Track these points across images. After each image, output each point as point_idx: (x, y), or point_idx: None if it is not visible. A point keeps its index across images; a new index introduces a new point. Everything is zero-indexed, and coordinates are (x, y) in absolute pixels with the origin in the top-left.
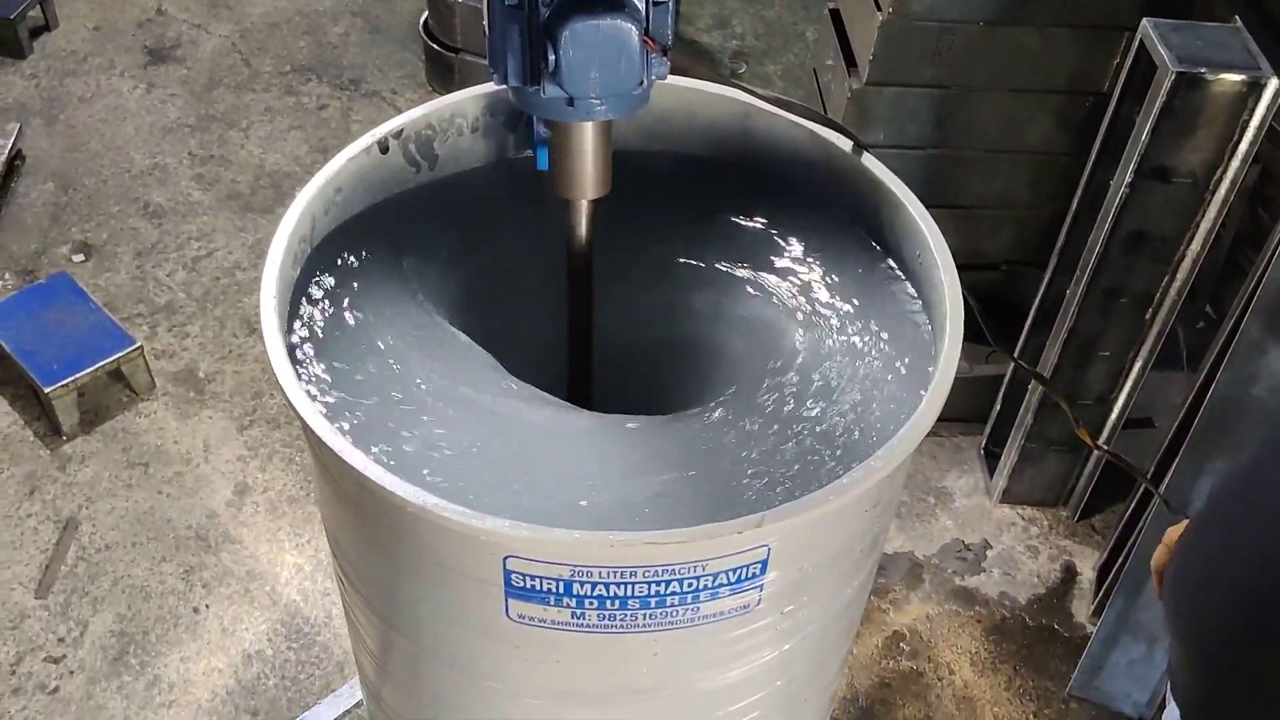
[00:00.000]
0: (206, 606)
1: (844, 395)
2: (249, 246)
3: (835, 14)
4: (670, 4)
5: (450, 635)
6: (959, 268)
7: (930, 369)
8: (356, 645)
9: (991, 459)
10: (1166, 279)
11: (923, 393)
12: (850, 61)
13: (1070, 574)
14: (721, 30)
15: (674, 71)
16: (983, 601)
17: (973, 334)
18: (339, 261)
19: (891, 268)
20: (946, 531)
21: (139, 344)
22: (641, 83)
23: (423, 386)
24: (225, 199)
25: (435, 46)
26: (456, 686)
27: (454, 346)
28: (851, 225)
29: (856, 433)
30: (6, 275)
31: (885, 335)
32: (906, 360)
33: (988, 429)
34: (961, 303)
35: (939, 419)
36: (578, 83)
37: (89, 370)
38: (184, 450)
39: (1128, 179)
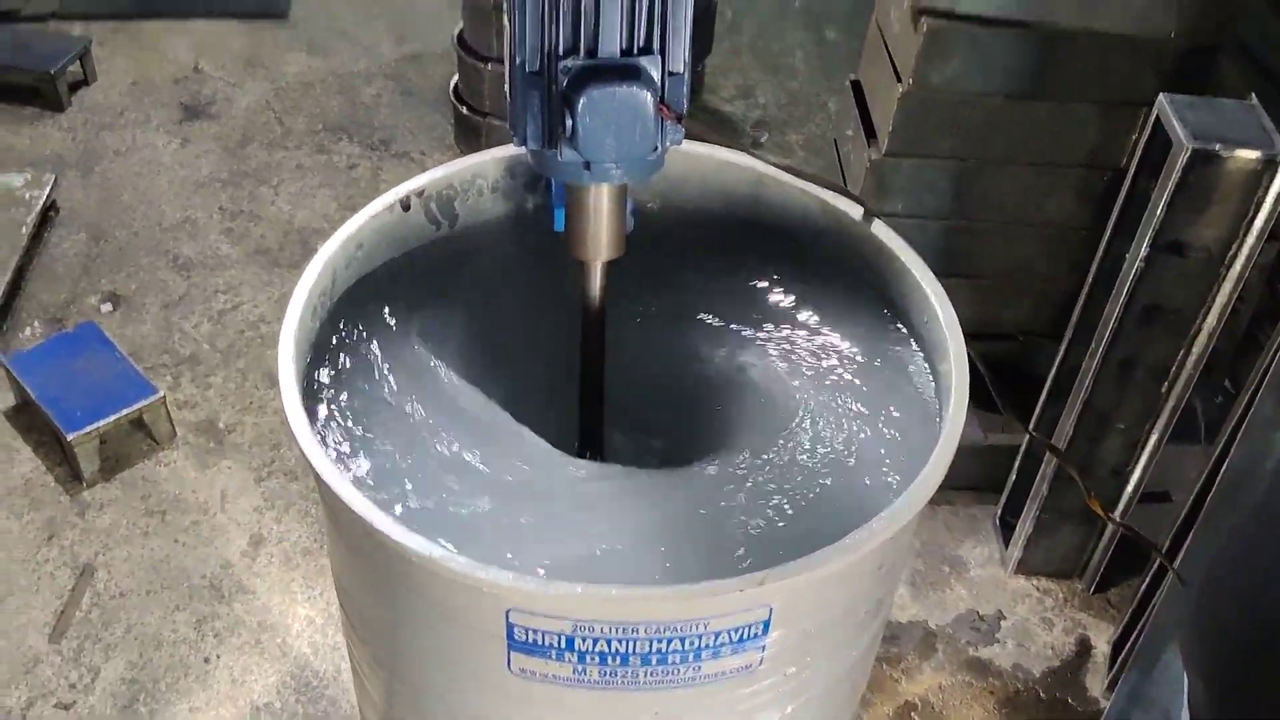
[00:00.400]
0: (217, 657)
1: (850, 457)
2: (274, 301)
3: (856, 85)
4: (685, 74)
5: (454, 688)
6: (976, 337)
7: (936, 434)
8: (361, 699)
9: (1007, 529)
10: (1182, 352)
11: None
12: (870, 132)
13: (1085, 647)
14: (745, 100)
15: (689, 137)
16: (996, 673)
17: (988, 403)
18: (358, 316)
19: (900, 331)
20: (961, 601)
21: (161, 393)
22: (656, 149)
23: (435, 441)
24: (253, 254)
25: (464, 110)
26: None
27: (468, 402)
28: (861, 289)
29: (862, 494)
30: (35, 323)
31: (893, 399)
32: (914, 424)
33: (1003, 498)
34: (967, 369)
35: (954, 487)
36: (594, 148)
37: (111, 418)
38: (202, 500)
39: (1143, 252)
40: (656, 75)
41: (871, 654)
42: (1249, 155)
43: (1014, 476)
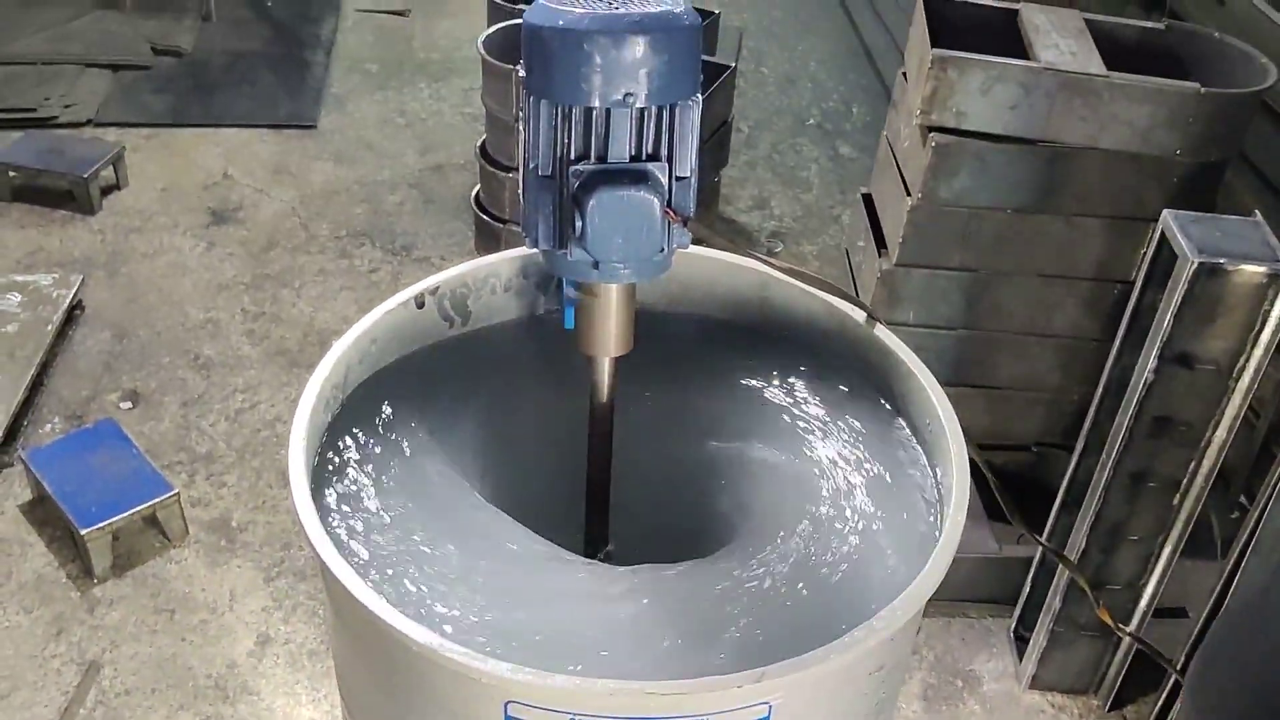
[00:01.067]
0: None
1: (851, 557)
2: (291, 401)
3: (868, 198)
4: (691, 179)
5: None
6: (989, 447)
7: (937, 535)
8: None
9: (1021, 642)
10: (1193, 464)
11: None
12: (881, 243)
13: None
14: (760, 211)
15: (699, 241)
16: None
17: (1003, 514)
18: (370, 410)
19: (904, 433)
20: (974, 717)
21: (176, 491)
22: (662, 250)
23: (438, 540)
24: (273, 354)
25: (484, 217)
26: None
27: (474, 501)
28: (865, 391)
29: (863, 595)
30: (56, 419)
31: (894, 500)
32: (916, 526)
33: (1017, 611)
34: (968, 473)
35: (968, 599)
36: (602, 248)
37: (125, 514)
38: (210, 598)
39: (1152, 364)
40: (664, 180)
41: None
42: (1254, 269)
43: (1028, 589)
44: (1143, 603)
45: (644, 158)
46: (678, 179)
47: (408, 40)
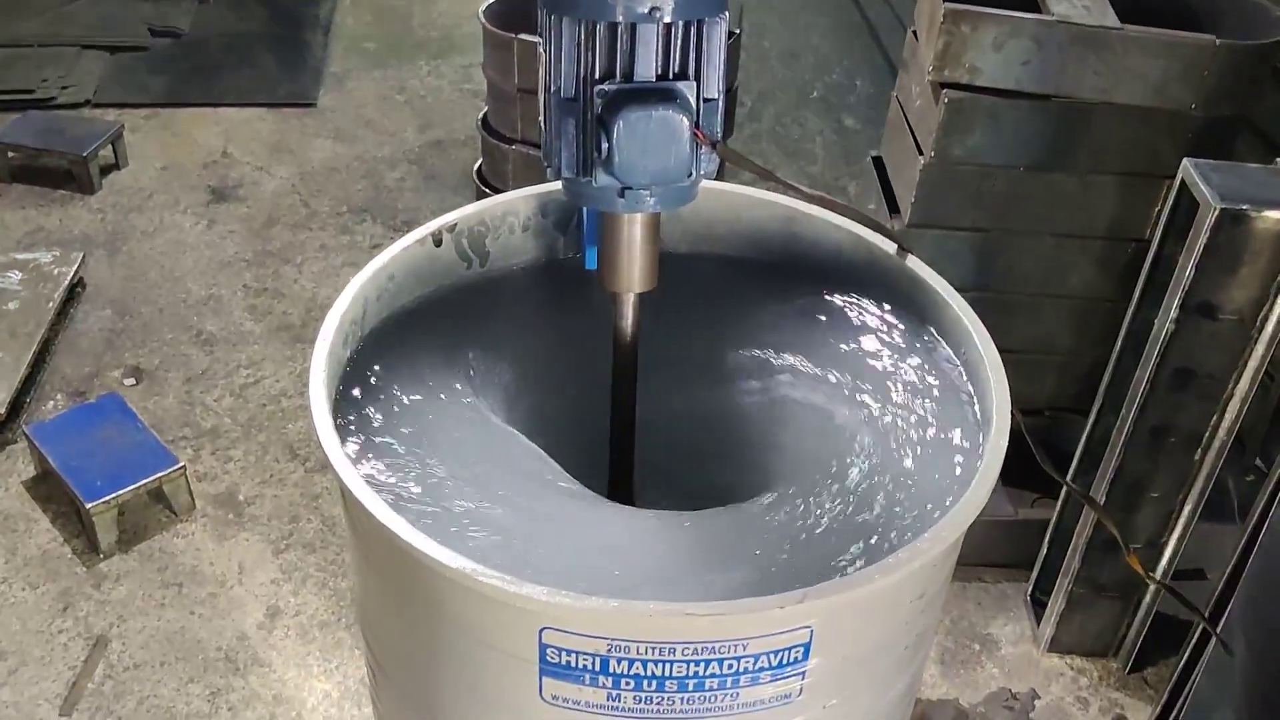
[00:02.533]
0: None
1: (892, 486)
2: (296, 375)
3: (878, 160)
4: (719, 101)
5: None
6: None
7: (978, 462)
8: None
9: (1038, 606)
10: (1215, 418)
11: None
12: (893, 206)
13: None
14: (765, 184)
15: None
16: None
17: (1020, 479)
18: (388, 346)
19: (941, 362)
20: (993, 680)
21: (182, 464)
22: (690, 174)
23: (464, 472)
24: (276, 330)
25: (487, 190)
26: None
27: (498, 435)
28: (899, 323)
29: (905, 522)
30: (59, 396)
31: (933, 426)
32: (956, 453)
33: (1034, 575)
34: (1008, 398)
35: (985, 564)
36: (629, 171)
37: (130, 488)
38: (219, 572)
39: (1173, 314)
40: (692, 99)
41: (910, 701)
42: (1278, 216)
43: (1045, 551)
44: (1163, 561)
45: (671, 77)
46: (705, 101)
47: (406, 18)
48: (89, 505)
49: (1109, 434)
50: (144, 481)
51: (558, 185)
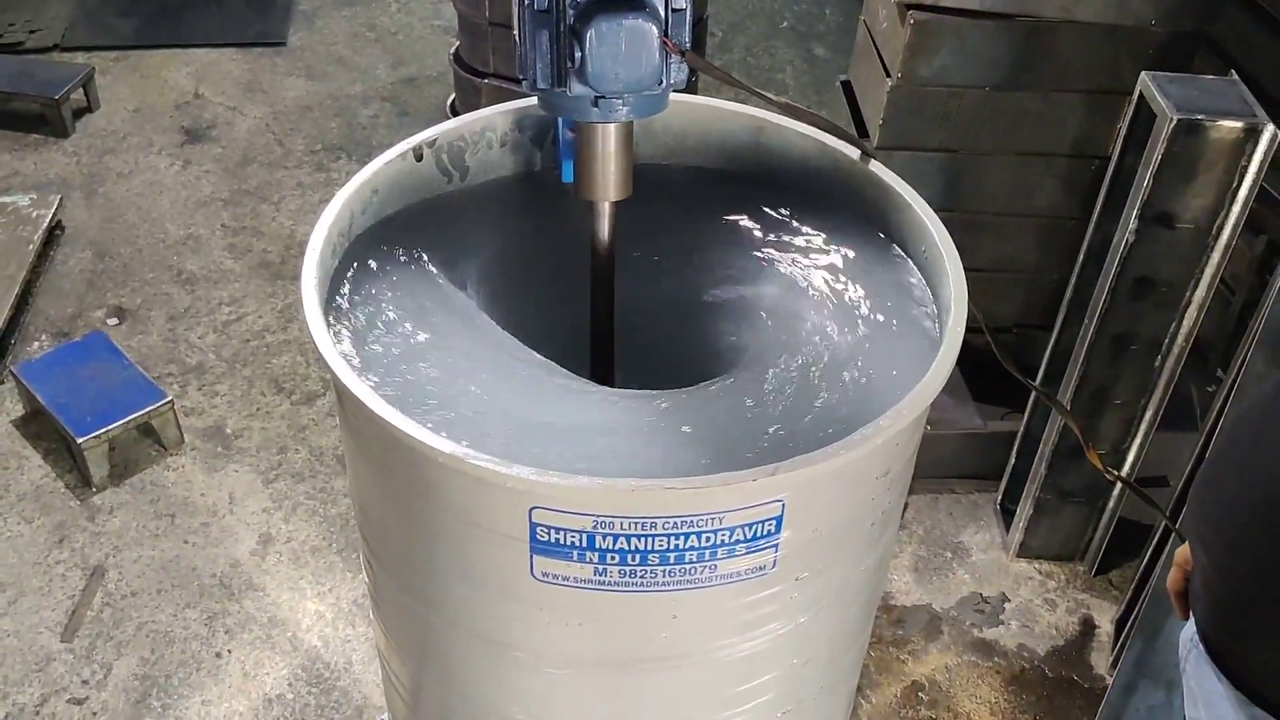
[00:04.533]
0: (229, 651)
1: (855, 372)
2: (278, 311)
3: (847, 85)
4: (687, 11)
5: (478, 602)
6: (970, 330)
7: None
8: (383, 637)
9: (1007, 515)
10: (1174, 325)
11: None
12: (862, 130)
13: (1089, 627)
14: (733, 96)
15: (692, 76)
16: (1001, 653)
17: (987, 394)
18: (374, 254)
19: (901, 258)
20: (964, 585)
21: (169, 398)
22: (661, 82)
23: (452, 365)
24: (256, 267)
25: None
26: (482, 661)
27: (484, 331)
28: (860, 223)
29: (868, 404)
30: (43, 337)
31: (895, 319)
32: (914, 342)
33: (1003, 484)
34: (965, 288)
35: (955, 475)
36: (602, 79)
37: (120, 423)
38: (210, 502)
39: (1132, 225)
40: (661, 9)
41: (880, 578)
42: (1232, 125)
43: (1013, 461)
44: (1126, 466)
45: None
46: (674, 10)
47: None
48: (80, 440)
49: (1073, 344)
50: (133, 416)
51: (533, 101)
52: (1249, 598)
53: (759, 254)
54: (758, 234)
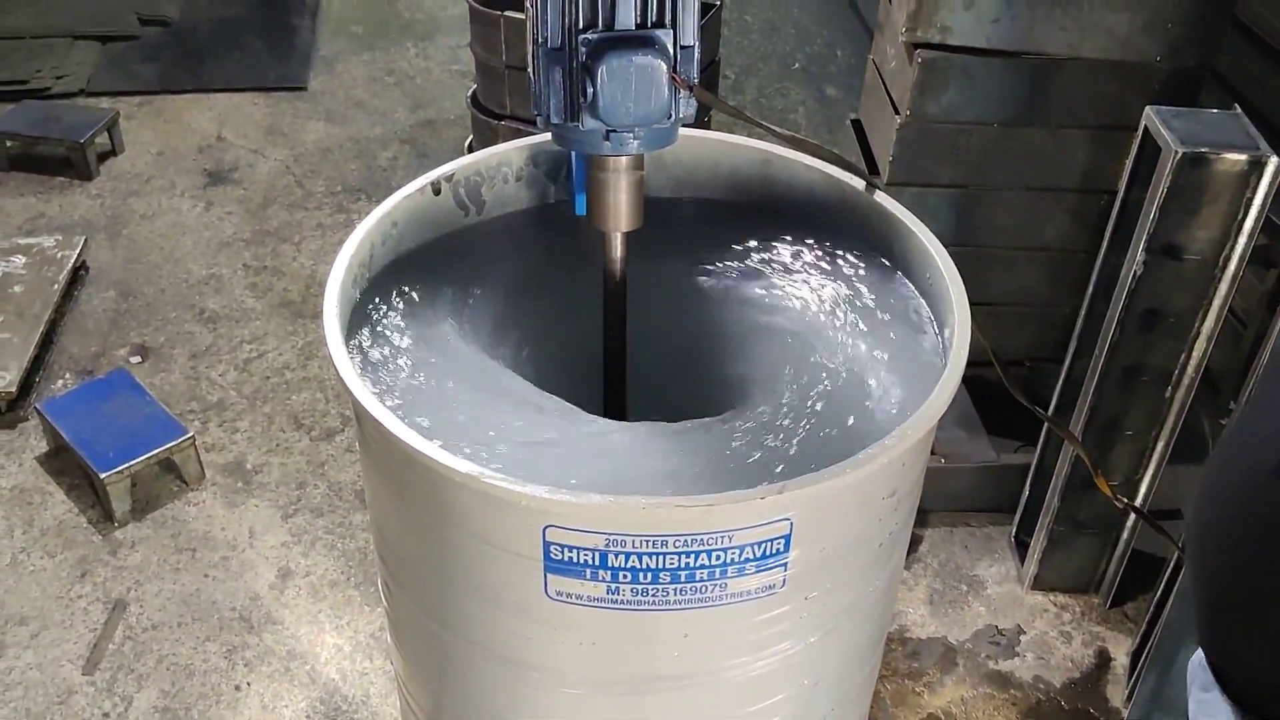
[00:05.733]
0: (248, 684)
1: (863, 397)
2: (298, 349)
3: (856, 123)
4: (695, 48)
5: (494, 622)
6: (981, 363)
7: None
8: (401, 662)
9: (1022, 547)
10: (1183, 356)
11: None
12: (872, 167)
13: (1104, 659)
14: (741, 130)
15: (702, 111)
16: (1017, 685)
17: (1001, 427)
18: (394, 286)
19: (906, 287)
20: (979, 617)
21: (190, 434)
22: (670, 116)
23: (462, 397)
24: (277, 306)
25: None
26: (499, 682)
27: (494, 366)
28: (867, 252)
29: (876, 428)
30: (67, 375)
31: (900, 344)
32: (923, 367)
33: (1017, 516)
34: (968, 315)
35: (969, 509)
36: (613, 113)
37: (142, 458)
38: (230, 537)
39: (1140, 257)
40: (669, 46)
41: (890, 599)
42: (1236, 158)
43: (1027, 493)
44: (1138, 498)
45: (649, 25)
46: (682, 48)
47: (392, 1)
48: (103, 476)
49: (1084, 376)
50: (155, 452)
51: (547, 137)
52: (1232, 595)
53: (768, 283)
54: (766, 264)
